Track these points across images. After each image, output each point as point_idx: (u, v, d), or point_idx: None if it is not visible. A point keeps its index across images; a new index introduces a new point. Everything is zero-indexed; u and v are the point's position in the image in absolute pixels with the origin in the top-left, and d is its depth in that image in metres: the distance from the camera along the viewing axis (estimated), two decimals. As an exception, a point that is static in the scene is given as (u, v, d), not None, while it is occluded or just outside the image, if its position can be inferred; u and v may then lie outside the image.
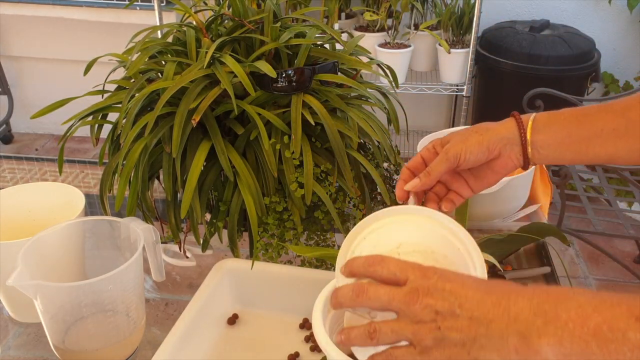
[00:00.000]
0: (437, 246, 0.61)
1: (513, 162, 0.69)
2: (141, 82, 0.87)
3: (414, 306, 0.51)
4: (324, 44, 0.95)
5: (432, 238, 0.61)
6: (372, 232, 0.63)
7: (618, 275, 2.17)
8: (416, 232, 0.62)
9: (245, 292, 0.84)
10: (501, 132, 0.68)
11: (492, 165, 0.70)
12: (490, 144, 0.68)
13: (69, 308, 0.73)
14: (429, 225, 0.62)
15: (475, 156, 0.68)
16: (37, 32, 2.78)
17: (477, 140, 0.68)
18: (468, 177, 0.72)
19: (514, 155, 0.68)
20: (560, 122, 0.67)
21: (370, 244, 0.62)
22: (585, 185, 2.02)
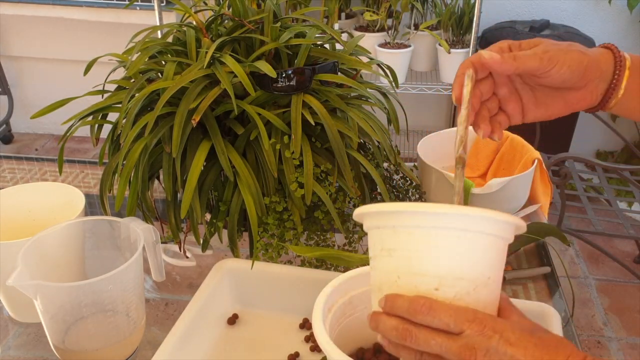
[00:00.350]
0: (484, 273, 0.52)
1: (591, 100, 0.62)
2: (141, 82, 0.87)
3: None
4: (324, 44, 0.95)
5: (479, 265, 0.51)
6: (401, 245, 0.52)
7: (618, 275, 2.17)
8: (460, 259, 0.51)
9: (245, 292, 0.84)
10: (600, 62, 0.60)
11: (567, 95, 0.62)
12: (589, 67, 0.60)
13: (69, 308, 0.73)
14: (477, 246, 0.51)
15: (571, 73, 0.59)
16: (37, 32, 2.78)
17: (578, 57, 0.59)
18: (529, 98, 0.63)
19: (596, 91, 0.61)
20: None
21: (400, 267, 0.52)
22: (585, 185, 2.02)
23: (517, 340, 0.48)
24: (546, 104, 0.62)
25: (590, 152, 2.74)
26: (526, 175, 1.02)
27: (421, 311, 0.49)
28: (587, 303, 2.04)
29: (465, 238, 0.50)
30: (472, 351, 0.48)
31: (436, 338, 0.49)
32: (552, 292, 0.89)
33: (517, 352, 0.47)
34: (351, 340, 0.72)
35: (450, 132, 1.17)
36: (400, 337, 0.51)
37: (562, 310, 0.85)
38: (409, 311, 0.50)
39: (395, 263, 0.52)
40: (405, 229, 0.51)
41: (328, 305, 0.67)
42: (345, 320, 0.71)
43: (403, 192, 0.97)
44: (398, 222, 0.51)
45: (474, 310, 0.50)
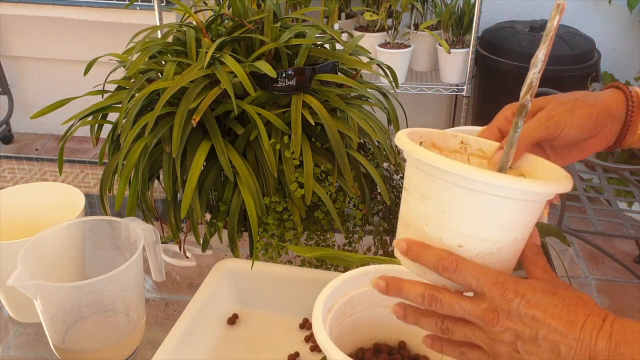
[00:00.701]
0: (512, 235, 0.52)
1: (606, 142, 0.61)
2: (141, 82, 0.87)
3: (493, 327, 0.49)
4: (324, 44, 0.95)
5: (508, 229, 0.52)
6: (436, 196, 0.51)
7: (618, 275, 2.17)
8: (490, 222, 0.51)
9: (245, 292, 0.84)
10: (610, 107, 0.59)
11: (584, 144, 0.61)
12: (598, 119, 0.58)
13: (69, 308, 0.73)
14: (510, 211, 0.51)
15: (581, 131, 0.58)
16: (37, 32, 2.78)
17: (586, 112, 0.58)
18: (550, 152, 0.63)
19: (610, 134, 0.60)
20: None
21: (431, 216, 0.52)
22: (585, 185, 2.02)
23: (537, 302, 0.49)
24: (564, 154, 0.63)
25: (590, 152, 2.74)
26: (526, 175, 1.01)
27: (449, 268, 0.50)
28: (587, 303, 2.03)
29: (500, 203, 0.50)
30: (494, 314, 0.49)
31: (460, 302, 0.50)
32: (552, 292, 0.89)
33: (537, 313, 0.48)
34: (351, 340, 0.72)
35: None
36: (427, 303, 0.52)
37: (562, 310, 0.85)
38: (436, 266, 0.51)
39: (427, 210, 0.52)
40: (444, 182, 0.51)
41: (328, 305, 0.67)
42: (345, 320, 0.71)
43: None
44: (437, 174, 0.51)
45: (496, 272, 0.50)
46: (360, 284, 0.71)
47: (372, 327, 0.73)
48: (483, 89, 2.46)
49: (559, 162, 0.62)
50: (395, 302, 0.61)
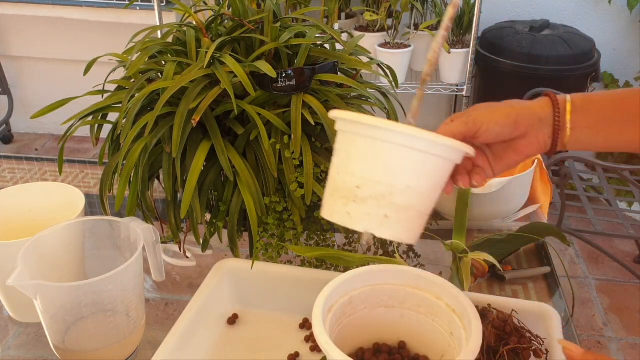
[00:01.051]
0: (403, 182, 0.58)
1: (539, 144, 0.64)
2: (141, 82, 0.87)
3: None
4: (324, 44, 0.95)
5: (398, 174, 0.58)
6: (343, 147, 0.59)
7: (618, 275, 2.17)
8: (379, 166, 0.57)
9: (245, 292, 0.84)
10: (534, 109, 0.64)
11: (515, 145, 0.65)
12: (519, 118, 0.63)
13: (69, 308, 0.73)
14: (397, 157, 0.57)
15: (500, 128, 0.63)
16: (37, 32, 2.77)
17: (505, 111, 0.63)
18: (489, 154, 0.67)
19: (541, 136, 0.64)
20: (597, 105, 0.64)
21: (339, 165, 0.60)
22: (585, 185, 2.02)
23: None
24: (501, 156, 0.66)
25: (590, 152, 2.74)
26: (526, 175, 1.02)
27: None
28: (587, 303, 2.04)
29: (388, 149, 0.57)
30: None
31: None
32: (552, 292, 0.90)
33: None
34: (351, 340, 0.72)
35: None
36: None
37: (562, 310, 0.85)
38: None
39: (338, 161, 0.60)
40: (347, 133, 0.59)
41: (328, 305, 0.67)
42: (345, 320, 0.71)
43: (403, 192, 0.97)
44: (344, 127, 0.59)
45: None
46: (360, 284, 0.71)
47: (372, 327, 0.73)
48: (483, 89, 2.46)
49: (499, 165, 0.67)
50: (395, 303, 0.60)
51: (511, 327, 0.69)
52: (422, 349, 0.73)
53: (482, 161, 0.67)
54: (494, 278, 0.91)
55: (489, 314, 0.71)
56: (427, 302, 0.70)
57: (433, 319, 0.70)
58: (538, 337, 0.70)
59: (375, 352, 0.73)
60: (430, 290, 0.70)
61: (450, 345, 0.68)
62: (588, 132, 0.64)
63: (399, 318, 0.72)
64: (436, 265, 0.95)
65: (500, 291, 0.90)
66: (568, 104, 0.64)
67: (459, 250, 0.85)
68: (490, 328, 0.68)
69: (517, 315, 0.71)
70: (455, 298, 0.67)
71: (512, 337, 0.68)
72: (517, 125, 0.63)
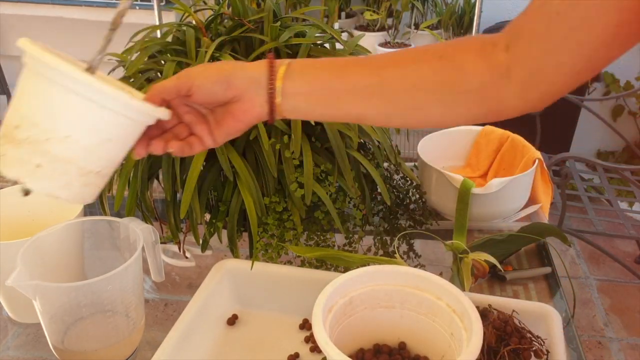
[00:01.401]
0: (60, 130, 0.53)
1: (256, 109, 0.61)
2: (140, 81, 0.86)
3: None
4: (324, 43, 0.94)
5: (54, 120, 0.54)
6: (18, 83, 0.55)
7: (619, 276, 2.16)
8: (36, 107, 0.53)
9: (245, 292, 0.84)
10: (248, 71, 0.60)
11: (232, 109, 0.61)
12: (231, 77, 0.59)
13: (68, 308, 0.73)
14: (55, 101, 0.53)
15: (212, 84, 0.59)
16: (37, 32, 2.77)
17: (217, 67, 0.60)
18: (211, 120, 0.63)
19: (257, 100, 0.60)
20: (315, 71, 0.60)
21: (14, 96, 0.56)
22: (586, 185, 2.02)
23: None
24: (221, 122, 0.62)
25: (591, 152, 2.74)
26: (527, 175, 1.01)
27: None
28: (588, 303, 2.03)
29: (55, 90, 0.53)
30: None
31: None
32: (552, 292, 0.89)
33: None
34: (351, 341, 0.72)
35: (450, 132, 1.17)
36: None
37: (563, 310, 0.84)
38: None
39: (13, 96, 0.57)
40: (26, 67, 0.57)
41: (328, 305, 0.67)
42: (346, 321, 0.70)
43: (403, 192, 0.97)
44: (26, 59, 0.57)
45: None
46: (361, 284, 0.70)
47: (372, 328, 0.73)
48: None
49: (220, 132, 0.63)
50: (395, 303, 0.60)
51: (512, 327, 0.69)
52: (423, 350, 0.72)
53: (201, 128, 0.63)
54: (494, 278, 0.91)
55: (490, 315, 0.71)
56: (428, 302, 0.70)
57: (433, 320, 0.70)
58: (539, 337, 0.70)
59: (376, 352, 0.73)
60: (430, 290, 0.70)
61: (450, 346, 0.68)
62: (305, 99, 0.60)
63: (399, 318, 0.72)
64: (436, 265, 0.95)
65: (500, 291, 0.89)
66: (282, 67, 0.60)
67: (459, 251, 0.85)
68: (491, 328, 0.68)
69: (518, 316, 0.71)
70: (455, 298, 0.67)
71: (512, 338, 0.68)
72: (230, 84, 0.60)
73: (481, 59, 0.57)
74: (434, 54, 0.59)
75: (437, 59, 0.58)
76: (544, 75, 0.54)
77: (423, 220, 0.97)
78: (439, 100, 0.59)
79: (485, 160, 1.16)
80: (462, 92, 0.58)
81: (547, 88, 0.56)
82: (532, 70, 0.55)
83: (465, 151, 1.17)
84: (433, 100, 0.59)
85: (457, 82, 0.58)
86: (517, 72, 0.56)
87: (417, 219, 0.96)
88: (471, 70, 0.57)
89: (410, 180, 0.99)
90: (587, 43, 0.52)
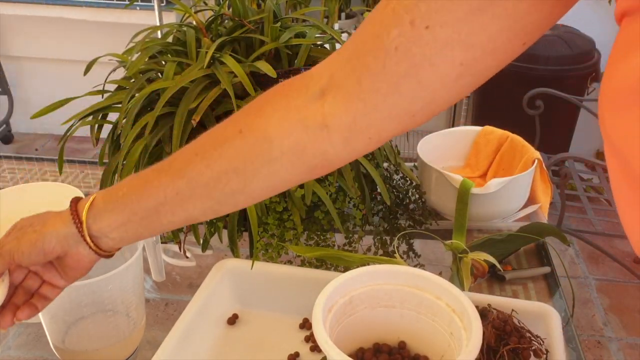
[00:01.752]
0: None
1: (86, 257, 0.59)
2: (141, 82, 0.87)
3: None
4: (324, 44, 0.95)
5: None
6: None
7: (618, 275, 2.17)
8: None
9: (245, 292, 0.84)
10: (59, 229, 0.57)
11: (65, 262, 0.59)
12: (45, 245, 0.57)
13: (69, 308, 0.73)
14: None
15: (29, 257, 0.57)
16: (37, 32, 2.77)
17: (30, 239, 0.57)
18: (56, 264, 0.61)
19: (83, 250, 0.58)
20: (120, 201, 0.57)
21: None
22: (586, 185, 2.02)
23: None
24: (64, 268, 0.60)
25: (590, 152, 2.74)
26: (526, 175, 1.01)
27: None
28: (587, 303, 2.04)
29: None
30: None
31: None
32: (552, 292, 0.89)
33: None
34: (351, 340, 0.72)
35: (450, 133, 1.17)
36: None
37: (562, 310, 0.85)
38: None
39: None
40: None
41: (328, 305, 0.67)
42: (346, 320, 0.71)
43: (403, 192, 0.97)
44: None
45: None
46: (360, 284, 0.71)
47: (372, 327, 0.73)
48: (483, 89, 2.45)
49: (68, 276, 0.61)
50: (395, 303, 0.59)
51: (511, 327, 0.69)
52: (422, 349, 0.73)
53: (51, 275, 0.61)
54: (494, 278, 0.91)
55: (489, 314, 0.71)
56: (427, 302, 0.70)
57: (433, 319, 0.70)
58: (538, 337, 0.70)
59: (375, 352, 0.73)
60: (430, 290, 0.70)
61: (450, 345, 0.68)
62: (124, 230, 0.57)
63: (399, 318, 0.72)
64: (436, 265, 0.95)
65: (500, 291, 0.90)
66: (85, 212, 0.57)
67: (459, 250, 0.85)
68: (490, 328, 0.68)
69: (517, 315, 0.71)
70: (455, 298, 0.67)
71: (512, 337, 0.68)
72: (47, 251, 0.57)
73: (288, 116, 0.50)
74: (233, 128, 0.53)
75: (237, 134, 0.52)
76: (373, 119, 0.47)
77: (423, 220, 0.97)
78: (253, 176, 0.52)
79: (484, 160, 1.16)
80: (274, 159, 0.51)
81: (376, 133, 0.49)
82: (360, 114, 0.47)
83: (464, 151, 1.18)
84: (249, 178, 0.53)
85: (265, 151, 0.51)
86: (340, 118, 0.48)
87: (417, 218, 0.97)
88: (277, 134, 0.50)
89: (410, 180, 0.99)
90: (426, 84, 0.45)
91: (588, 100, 2.22)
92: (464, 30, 0.42)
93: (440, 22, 0.41)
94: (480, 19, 0.41)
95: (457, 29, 0.42)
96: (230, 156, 0.52)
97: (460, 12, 0.41)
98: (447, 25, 0.41)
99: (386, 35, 0.43)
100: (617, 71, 0.35)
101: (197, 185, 0.54)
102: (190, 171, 0.54)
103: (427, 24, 0.42)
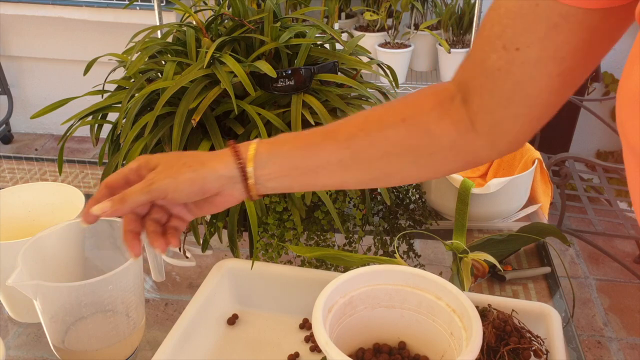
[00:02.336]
0: None
1: (235, 198, 0.62)
2: (141, 82, 0.87)
3: None
4: (324, 43, 0.95)
5: None
6: None
7: (618, 275, 2.17)
8: None
9: (245, 292, 0.84)
10: (218, 170, 0.60)
11: (212, 200, 0.62)
12: (205, 184, 0.60)
13: (69, 308, 0.73)
14: None
15: (187, 195, 0.60)
16: (37, 32, 2.77)
17: (189, 178, 0.59)
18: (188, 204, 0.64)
19: (236, 192, 0.61)
20: (284, 154, 0.60)
21: None
22: (586, 185, 2.02)
23: None
24: (200, 206, 0.63)
25: (590, 152, 2.74)
26: (526, 175, 1.01)
27: None
28: (588, 303, 2.04)
29: None
30: None
31: None
32: (552, 292, 0.89)
33: None
34: (351, 341, 0.72)
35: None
36: None
37: (563, 310, 0.85)
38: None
39: None
40: None
41: (328, 305, 0.67)
42: (345, 321, 0.70)
43: (403, 192, 0.97)
44: None
45: None
46: (360, 284, 0.71)
47: (372, 327, 0.73)
48: (483, 89, 2.45)
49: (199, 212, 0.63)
50: (395, 303, 0.59)
51: (511, 327, 0.69)
52: (422, 349, 0.72)
53: (179, 208, 0.64)
54: (494, 278, 0.91)
55: (489, 314, 0.71)
56: (427, 302, 0.70)
57: (433, 319, 0.70)
58: (538, 337, 0.70)
59: (375, 352, 0.73)
60: (430, 290, 0.70)
61: (450, 346, 0.68)
62: (281, 181, 0.61)
63: (399, 318, 0.72)
64: (436, 265, 0.95)
65: (500, 291, 0.90)
66: (251, 158, 0.60)
67: (459, 250, 0.85)
68: (491, 328, 0.68)
69: (517, 316, 0.71)
70: (455, 298, 0.67)
71: (512, 337, 0.68)
72: (205, 189, 0.60)
73: (444, 117, 0.57)
74: (395, 115, 0.59)
75: (401, 122, 0.58)
76: (505, 126, 0.55)
77: (423, 220, 0.97)
78: (412, 162, 0.59)
79: (484, 160, 1.16)
80: (434, 152, 0.59)
81: (513, 137, 0.57)
82: (492, 123, 0.56)
83: (464, 151, 1.17)
84: (407, 163, 0.59)
85: (427, 145, 0.58)
86: (481, 126, 0.56)
87: (417, 218, 0.97)
88: (438, 132, 0.57)
89: (410, 180, 0.99)
90: (534, 95, 0.52)
91: (588, 100, 2.22)
92: (550, 47, 0.49)
93: (526, 43, 0.49)
94: (561, 36, 0.49)
95: (543, 47, 0.49)
96: (394, 141, 0.58)
97: (540, 32, 0.48)
98: (533, 45, 0.49)
99: (487, 60, 0.52)
100: (636, 73, 0.38)
101: (359, 159, 0.59)
102: (355, 144, 0.59)
103: (517, 47, 0.50)
